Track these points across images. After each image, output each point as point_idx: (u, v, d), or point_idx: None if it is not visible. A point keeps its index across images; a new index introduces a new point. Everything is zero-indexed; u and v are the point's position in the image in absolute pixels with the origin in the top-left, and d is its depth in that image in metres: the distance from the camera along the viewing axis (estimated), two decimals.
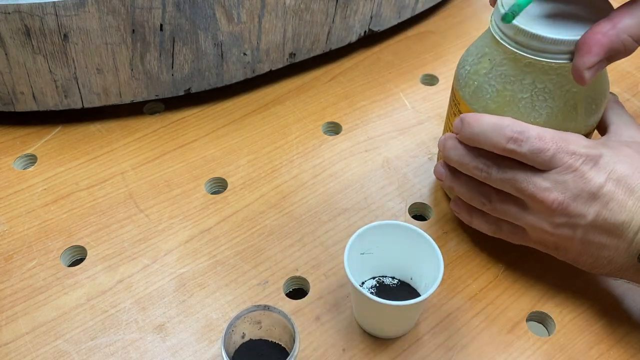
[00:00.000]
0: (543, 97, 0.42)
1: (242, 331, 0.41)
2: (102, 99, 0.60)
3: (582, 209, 0.40)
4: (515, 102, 0.43)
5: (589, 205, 0.40)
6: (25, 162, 0.58)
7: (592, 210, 0.39)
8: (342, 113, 0.64)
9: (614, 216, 0.39)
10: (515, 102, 0.43)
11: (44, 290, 0.48)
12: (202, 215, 0.53)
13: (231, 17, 0.58)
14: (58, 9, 0.51)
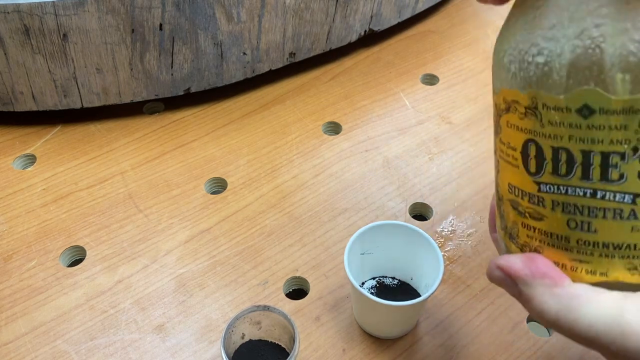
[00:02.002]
0: None
1: (242, 331, 0.41)
2: (102, 98, 0.59)
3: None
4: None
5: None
6: (25, 162, 0.58)
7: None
8: (342, 113, 0.64)
9: None
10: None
11: (44, 291, 0.47)
12: (201, 215, 0.53)
13: (231, 16, 0.58)
14: (57, 9, 0.51)
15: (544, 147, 0.27)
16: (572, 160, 0.26)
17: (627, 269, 0.26)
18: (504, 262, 0.29)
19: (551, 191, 0.27)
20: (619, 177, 0.26)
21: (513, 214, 0.30)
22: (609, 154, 0.25)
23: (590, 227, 0.27)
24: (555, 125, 0.26)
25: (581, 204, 0.27)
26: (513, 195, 0.29)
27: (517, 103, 0.28)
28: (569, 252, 0.28)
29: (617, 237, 0.26)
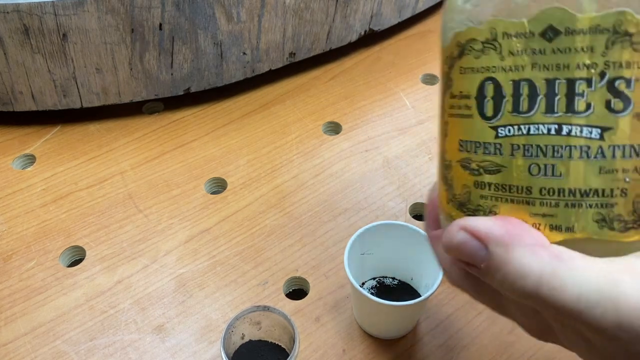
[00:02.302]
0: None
1: (242, 332, 0.41)
2: (101, 98, 0.59)
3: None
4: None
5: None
6: (24, 162, 0.58)
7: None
8: (342, 113, 0.64)
9: None
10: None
11: (43, 291, 0.47)
12: (201, 216, 0.53)
13: (231, 16, 0.58)
14: (57, 8, 0.51)
15: (504, 82, 0.25)
16: (535, 93, 0.24)
17: (595, 221, 0.24)
18: (472, 222, 0.25)
19: (511, 133, 0.25)
20: (585, 108, 0.23)
21: (464, 176, 0.27)
22: (575, 81, 0.23)
23: (555, 170, 0.24)
24: (516, 54, 0.24)
25: (545, 144, 0.24)
26: (465, 152, 0.27)
27: (473, 41, 0.26)
28: (530, 206, 0.24)
29: (584, 181, 0.24)
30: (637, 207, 0.24)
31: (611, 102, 0.23)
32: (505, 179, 0.25)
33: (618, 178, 0.23)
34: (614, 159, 0.23)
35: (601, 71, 0.23)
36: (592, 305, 0.21)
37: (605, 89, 0.23)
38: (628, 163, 0.23)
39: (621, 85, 0.23)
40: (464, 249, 0.24)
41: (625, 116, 0.23)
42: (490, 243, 0.24)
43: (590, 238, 0.24)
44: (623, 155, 0.23)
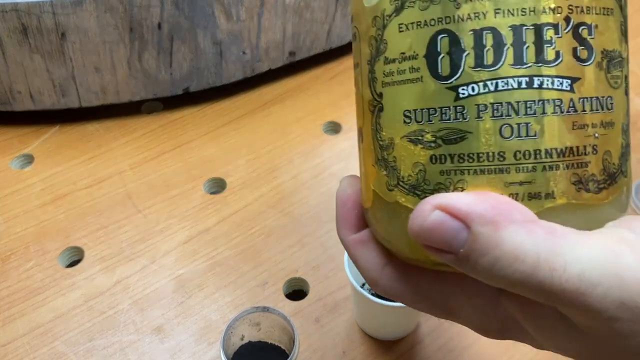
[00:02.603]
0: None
1: (241, 333, 0.41)
2: (100, 98, 0.59)
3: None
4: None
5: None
6: (23, 162, 0.58)
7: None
8: (342, 112, 0.64)
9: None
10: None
11: (42, 292, 0.47)
12: (200, 216, 0.53)
13: (230, 15, 0.58)
14: (55, 8, 0.51)
15: (462, 34, 0.21)
16: (500, 42, 0.21)
17: (572, 183, 0.22)
18: (448, 199, 0.20)
19: (475, 92, 0.21)
20: (555, 57, 0.21)
21: (415, 153, 0.23)
22: (542, 27, 0.21)
23: (530, 129, 0.21)
24: (475, 0, 0.21)
25: (516, 100, 0.21)
26: (414, 124, 0.23)
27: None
28: (505, 174, 0.21)
29: (560, 139, 0.21)
30: (606, 165, 0.23)
31: (577, 50, 0.22)
32: (472, 147, 0.22)
33: (588, 134, 0.22)
34: (584, 112, 0.22)
35: (566, 16, 0.21)
36: (595, 283, 0.19)
37: (571, 36, 0.21)
38: (595, 117, 0.22)
39: (584, 32, 0.22)
40: (441, 232, 0.20)
41: (590, 65, 0.22)
42: (474, 222, 0.19)
43: (570, 203, 0.22)
44: (591, 109, 0.22)
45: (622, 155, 0.24)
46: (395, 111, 0.23)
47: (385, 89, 0.24)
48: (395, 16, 0.23)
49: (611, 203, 0.23)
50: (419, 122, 0.22)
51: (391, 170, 0.24)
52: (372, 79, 0.24)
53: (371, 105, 0.25)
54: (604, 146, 0.23)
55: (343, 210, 0.27)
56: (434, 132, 0.22)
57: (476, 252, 0.19)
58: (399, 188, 0.23)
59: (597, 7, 0.22)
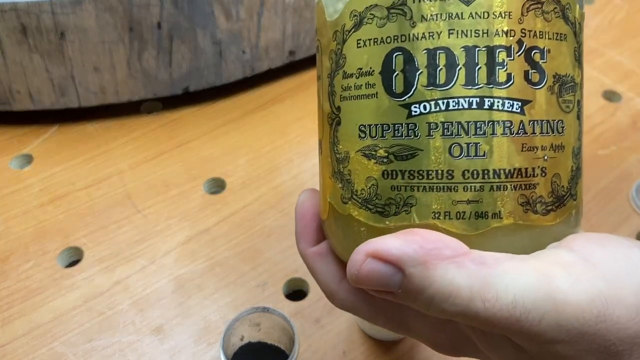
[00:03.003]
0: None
1: (241, 333, 0.41)
2: (99, 97, 0.59)
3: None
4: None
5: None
6: (22, 162, 0.58)
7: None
8: None
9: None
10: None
11: (41, 292, 0.47)
12: (200, 216, 0.53)
13: (230, 14, 0.57)
14: (55, 7, 0.51)
15: (416, 52, 0.22)
16: (453, 62, 0.21)
17: (520, 204, 0.22)
18: (378, 245, 0.21)
19: (427, 111, 0.22)
20: (506, 79, 0.21)
21: (368, 167, 0.23)
22: (495, 49, 0.21)
23: (479, 149, 0.21)
24: (430, 20, 0.21)
25: (466, 120, 0.21)
26: (368, 139, 0.23)
27: (374, 8, 0.22)
28: (453, 193, 0.22)
29: (508, 160, 0.22)
30: (554, 188, 0.23)
31: (529, 74, 0.22)
32: (422, 164, 0.22)
33: (538, 156, 0.22)
34: (534, 134, 0.22)
35: (519, 39, 0.22)
36: (529, 309, 0.19)
37: (523, 59, 0.22)
38: (546, 140, 0.22)
39: (536, 56, 0.22)
40: (376, 278, 0.21)
41: (541, 89, 0.22)
42: (406, 265, 0.20)
43: (517, 224, 0.22)
44: (541, 131, 0.22)
45: (572, 179, 0.24)
46: (351, 125, 0.24)
47: (343, 103, 0.24)
48: (354, 31, 0.23)
49: (558, 225, 0.23)
50: (373, 137, 0.23)
51: (346, 183, 0.24)
52: (331, 92, 0.25)
53: (330, 118, 0.25)
54: (553, 169, 0.23)
55: (302, 222, 0.27)
56: (386, 148, 0.22)
57: (412, 292, 0.20)
58: (353, 201, 0.24)
59: (550, 32, 0.22)
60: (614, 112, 0.63)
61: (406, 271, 0.20)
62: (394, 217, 0.23)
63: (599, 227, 0.52)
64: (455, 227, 0.22)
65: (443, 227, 0.22)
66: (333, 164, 0.25)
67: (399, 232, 0.21)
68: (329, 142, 0.25)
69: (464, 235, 0.22)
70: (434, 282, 0.20)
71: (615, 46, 0.72)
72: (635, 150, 0.59)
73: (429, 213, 0.22)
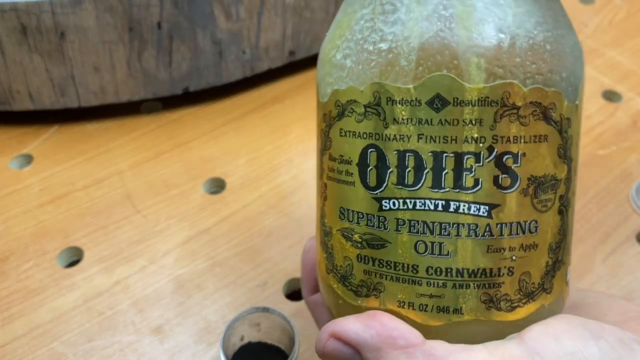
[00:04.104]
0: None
1: (241, 333, 0.41)
2: (99, 97, 0.59)
3: None
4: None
5: None
6: (22, 162, 0.58)
7: None
8: None
9: None
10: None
11: (41, 292, 0.47)
12: (200, 216, 0.53)
13: (230, 14, 0.57)
14: (55, 7, 0.51)
15: (388, 152, 0.23)
16: (421, 166, 0.22)
17: (482, 301, 0.23)
18: (339, 328, 0.23)
19: (395, 207, 0.23)
20: (473, 184, 0.22)
21: (346, 247, 0.24)
22: (463, 155, 0.22)
23: (443, 249, 0.22)
24: (401, 123, 0.22)
25: (432, 221, 0.22)
26: (346, 222, 0.24)
27: (354, 103, 0.23)
28: (416, 286, 0.23)
29: (472, 260, 0.22)
30: (522, 285, 0.23)
31: (499, 178, 0.22)
32: (390, 255, 0.23)
33: (505, 257, 0.23)
34: (502, 237, 0.23)
35: (489, 146, 0.22)
36: None
37: (493, 165, 0.22)
38: (515, 241, 0.23)
39: (509, 161, 0.22)
40: (338, 357, 0.23)
41: (513, 192, 0.22)
42: (362, 349, 0.22)
43: (477, 319, 0.23)
44: (510, 233, 0.23)
45: (547, 273, 0.24)
46: (334, 204, 0.25)
47: (328, 182, 0.25)
48: (337, 120, 0.24)
49: (526, 319, 0.23)
50: (350, 221, 0.24)
51: (329, 255, 0.26)
52: (321, 168, 0.26)
53: (320, 191, 0.26)
54: (522, 268, 0.23)
55: (304, 271, 0.29)
56: (360, 234, 0.24)
57: None
58: (333, 274, 0.25)
59: (526, 136, 0.22)
60: (614, 112, 0.63)
61: (363, 355, 0.22)
62: (365, 298, 0.24)
63: (599, 227, 0.52)
64: (417, 317, 0.23)
65: (406, 316, 0.23)
66: (321, 234, 0.26)
67: (362, 315, 0.23)
68: (319, 213, 0.26)
69: (424, 325, 0.23)
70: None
71: (615, 46, 0.72)
72: (635, 150, 0.59)
73: (394, 300, 0.23)
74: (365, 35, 0.23)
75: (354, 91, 0.23)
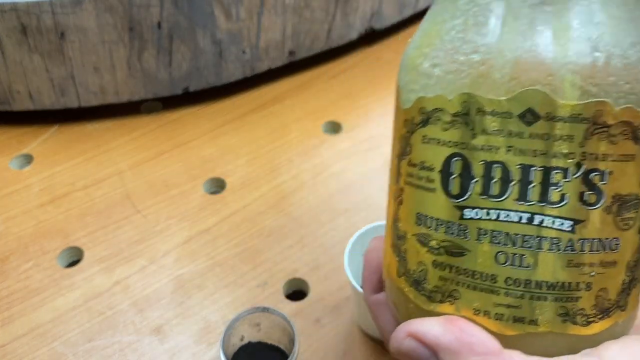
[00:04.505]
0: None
1: (241, 333, 0.41)
2: (99, 97, 0.59)
3: None
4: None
5: None
6: (22, 162, 0.58)
7: None
8: (342, 112, 0.64)
9: None
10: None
11: (41, 292, 0.47)
12: (200, 216, 0.53)
13: (230, 14, 0.57)
14: (55, 7, 0.51)
15: (474, 162, 0.23)
16: (507, 178, 0.22)
17: (558, 314, 0.23)
18: (419, 328, 0.23)
19: (478, 217, 0.23)
20: (559, 199, 0.22)
21: (421, 253, 0.25)
22: (551, 170, 0.22)
23: (523, 261, 0.22)
24: (490, 134, 0.22)
25: (514, 232, 0.22)
26: (423, 228, 0.24)
27: (441, 111, 0.24)
28: (494, 295, 0.23)
29: (553, 274, 0.23)
30: (599, 301, 0.23)
31: (584, 195, 0.22)
32: (469, 264, 0.23)
33: (584, 272, 0.23)
34: (583, 252, 0.23)
35: (577, 162, 0.22)
36: None
37: (580, 181, 0.22)
38: (595, 257, 0.23)
39: (595, 178, 0.22)
40: (414, 357, 0.23)
41: (597, 209, 0.23)
42: (440, 352, 0.22)
43: (552, 332, 0.23)
44: (591, 249, 0.23)
45: (623, 291, 0.24)
46: (410, 209, 0.25)
47: (406, 187, 0.25)
48: (421, 127, 0.24)
49: (600, 335, 0.24)
50: (428, 227, 0.24)
51: (401, 259, 0.26)
52: (398, 172, 0.26)
53: (395, 195, 0.26)
54: (600, 284, 0.23)
55: (367, 271, 0.29)
56: (438, 241, 0.24)
57: None
58: (405, 278, 0.25)
59: (614, 155, 0.23)
60: None
61: (440, 357, 0.23)
62: (439, 304, 0.24)
63: None
64: (492, 326, 0.23)
65: (482, 324, 0.23)
66: (393, 237, 0.26)
67: (441, 318, 0.23)
68: (392, 216, 0.27)
69: (499, 334, 0.23)
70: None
71: None
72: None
73: (470, 308, 0.23)
74: (456, 46, 0.23)
75: (441, 100, 0.23)
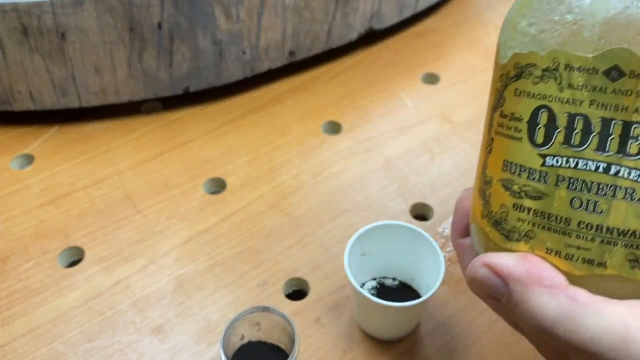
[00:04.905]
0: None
1: (242, 333, 0.41)
2: (100, 98, 0.59)
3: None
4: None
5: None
6: (23, 162, 0.58)
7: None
8: (342, 112, 0.64)
9: None
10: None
11: (41, 292, 0.47)
12: (200, 216, 0.53)
13: (230, 14, 0.57)
14: (55, 8, 0.51)
15: (559, 113, 0.25)
16: (589, 129, 0.24)
17: (627, 260, 0.24)
18: (494, 259, 0.26)
19: (558, 164, 0.25)
20: (637, 152, 0.24)
21: (504, 196, 0.27)
22: (631, 124, 0.24)
23: (597, 207, 0.24)
24: (576, 88, 0.24)
25: (590, 180, 0.24)
26: (508, 173, 0.27)
27: (533, 66, 0.26)
28: (566, 237, 0.25)
29: (624, 221, 0.24)
30: None
31: None
32: (546, 207, 0.25)
33: None
34: None
35: None
36: (604, 350, 0.22)
37: None
38: None
39: None
40: (486, 285, 0.26)
41: None
42: (511, 281, 0.25)
43: (620, 276, 0.24)
44: None
45: None
46: (498, 157, 0.27)
47: (496, 136, 0.28)
48: (514, 81, 0.27)
49: None
50: (512, 173, 0.26)
51: (486, 202, 0.28)
52: (490, 123, 0.28)
53: (486, 144, 0.29)
54: None
55: (456, 216, 0.32)
56: (520, 185, 0.26)
57: (511, 304, 0.25)
58: (487, 219, 0.28)
59: None
60: None
61: (510, 286, 0.25)
62: (515, 242, 0.26)
63: None
64: (562, 265, 0.25)
65: (553, 262, 0.25)
66: (480, 183, 0.29)
67: (514, 253, 0.25)
68: (481, 164, 0.29)
69: (568, 273, 0.25)
70: (527, 301, 0.24)
71: None
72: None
73: (543, 247, 0.25)
74: (552, 7, 0.25)
75: (534, 55, 0.25)
